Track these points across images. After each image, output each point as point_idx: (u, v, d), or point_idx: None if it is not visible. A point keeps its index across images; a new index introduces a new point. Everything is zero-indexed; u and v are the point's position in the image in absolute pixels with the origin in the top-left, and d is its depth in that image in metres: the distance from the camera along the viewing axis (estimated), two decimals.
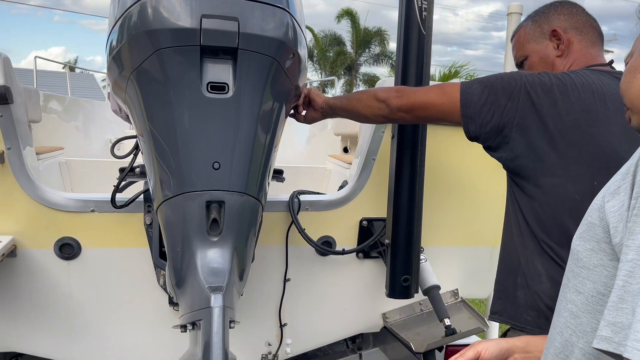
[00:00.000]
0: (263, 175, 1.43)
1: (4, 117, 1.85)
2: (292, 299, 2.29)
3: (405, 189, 1.92)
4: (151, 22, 1.19)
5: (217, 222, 1.31)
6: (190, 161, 1.28)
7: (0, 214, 1.93)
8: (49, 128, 4.36)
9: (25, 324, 2.08)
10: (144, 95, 1.31)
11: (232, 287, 1.36)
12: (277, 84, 1.37)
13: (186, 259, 1.34)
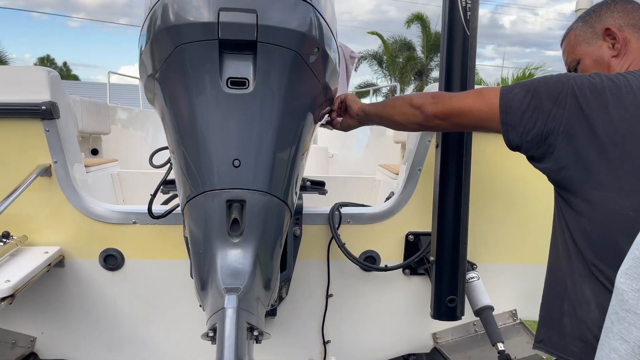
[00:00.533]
0: (289, 176, 1.34)
1: (50, 131, 1.91)
2: (335, 315, 2.20)
3: (450, 202, 1.78)
4: (170, 19, 1.18)
5: (238, 222, 1.25)
6: (210, 159, 1.24)
7: (48, 225, 2.00)
8: (119, 139, 4.57)
9: (74, 333, 2.14)
10: (168, 94, 1.29)
11: (251, 292, 1.27)
12: (301, 80, 1.30)
13: (207, 261, 1.28)
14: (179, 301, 2.09)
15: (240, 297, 1.20)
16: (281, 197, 1.30)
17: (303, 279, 2.12)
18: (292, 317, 2.18)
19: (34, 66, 2.24)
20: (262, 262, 1.29)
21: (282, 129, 1.28)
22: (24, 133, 1.91)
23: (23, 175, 1.86)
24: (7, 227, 1.92)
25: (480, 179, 2.04)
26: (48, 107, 1.87)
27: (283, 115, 1.27)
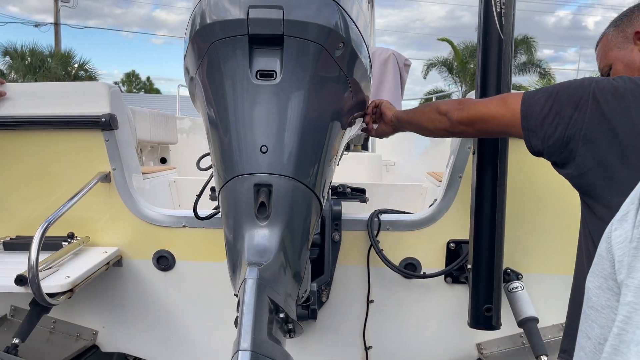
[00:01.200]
0: (315, 164, 1.38)
1: (110, 141, 2.09)
2: (376, 321, 2.21)
3: (487, 209, 1.75)
4: (206, 20, 1.28)
5: (265, 206, 1.30)
6: (240, 146, 1.31)
7: (108, 227, 2.17)
8: (185, 147, 4.82)
9: (131, 327, 2.30)
10: (205, 89, 1.39)
11: (275, 271, 1.30)
12: (326, 72, 1.35)
13: (237, 244, 1.34)
14: (225, 301, 2.19)
15: (261, 271, 1.24)
16: (307, 184, 1.34)
17: (343, 285, 2.16)
18: (333, 322, 2.21)
19: (97, 82, 2.45)
20: (287, 247, 1.33)
21: (308, 118, 1.33)
22: (86, 142, 2.10)
23: (85, 181, 2.04)
24: (72, 228, 2.11)
25: (522, 186, 1.99)
26: (107, 119, 2.05)
27: (309, 105, 1.33)
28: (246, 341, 1.11)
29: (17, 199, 2.19)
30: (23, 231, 2.19)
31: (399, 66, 3.81)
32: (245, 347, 1.11)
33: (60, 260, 1.94)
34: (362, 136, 4.21)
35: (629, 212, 0.64)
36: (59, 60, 22.36)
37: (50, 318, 2.22)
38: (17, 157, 2.15)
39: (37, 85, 2.31)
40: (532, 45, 25.57)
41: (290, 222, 1.33)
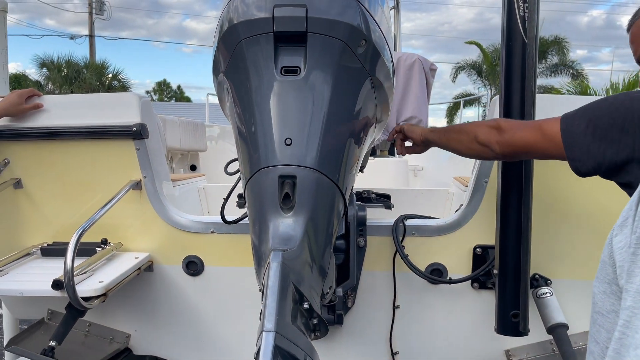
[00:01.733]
0: (339, 158, 1.41)
1: (140, 150, 2.15)
2: (403, 326, 2.21)
3: (512, 214, 1.74)
4: (233, 19, 1.34)
5: (290, 197, 1.33)
6: (265, 139, 1.34)
7: (139, 233, 2.24)
8: (214, 154, 4.91)
9: (162, 331, 2.36)
10: (232, 86, 1.44)
11: (300, 258, 1.32)
12: (349, 68, 1.38)
13: (262, 234, 1.37)
14: (252, 305, 2.22)
15: (285, 255, 1.26)
16: (331, 177, 1.36)
17: (369, 290, 2.17)
18: (360, 327, 2.22)
19: (128, 92, 2.53)
20: (311, 238, 1.36)
21: (331, 112, 1.36)
22: (118, 151, 2.17)
23: (117, 189, 2.11)
24: (105, 234, 2.18)
25: (549, 190, 1.96)
26: (138, 129, 2.11)
27: (331, 99, 1.36)
28: (270, 322, 1.12)
29: (53, 206, 2.28)
30: (59, 237, 2.28)
31: (425, 71, 3.79)
32: (269, 327, 1.12)
33: (94, 265, 2.01)
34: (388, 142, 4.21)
35: (628, 218, 0.66)
36: (93, 71, 23.03)
37: (85, 321, 2.30)
38: (53, 166, 2.24)
39: (71, 97, 2.40)
40: (564, 46, 25.05)
41: (314, 213, 1.35)
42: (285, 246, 1.31)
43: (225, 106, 1.56)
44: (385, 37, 1.47)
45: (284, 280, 1.23)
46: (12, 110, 2.17)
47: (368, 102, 1.49)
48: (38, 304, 2.35)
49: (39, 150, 2.23)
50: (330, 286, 1.60)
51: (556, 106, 2.04)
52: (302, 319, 1.33)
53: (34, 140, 2.22)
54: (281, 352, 1.12)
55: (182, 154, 4.46)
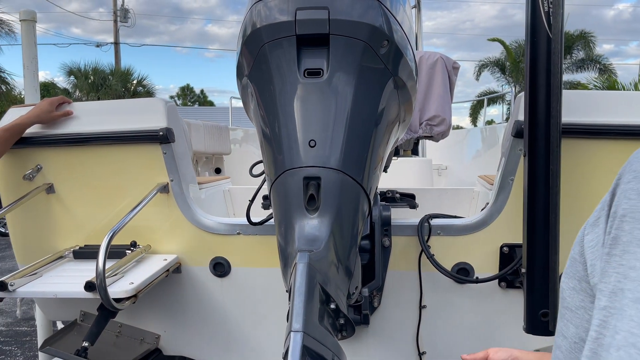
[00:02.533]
0: (363, 158, 1.41)
1: (167, 154, 2.19)
2: (430, 326, 2.20)
3: (540, 213, 1.72)
4: (256, 24, 1.36)
5: (315, 198, 1.34)
6: (289, 141, 1.36)
7: (167, 235, 2.28)
8: (238, 157, 4.96)
9: (191, 332, 2.40)
10: (257, 89, 1.45)
11: (326, 259, 1.33)
12: (371, 69, 1.38)
13: (288, 235, 1.38)
14: (279, 306, 2.24)
15: (312, 256, 1.27)
16: (355, 177, 1.37)
17: (395, 290, 2.16)
18: (386, 327, 2.22)
19: (154, 98, 2.58)
20: (337, 238, 1.36)
21: (354, 113, 1.37)
22: (146, 155, 2.21)
23: (145, 192, 2.15)
24: (134, 237, 2.23)
25: (576, 188, 1.93)
26: (165, 133, 2.15)
27: (355, 100, 1.36)
28: (298, 322, 1.14)
29: (84, 210, 2.34)
30: (90, 240, 2.34)
31: (448, 69, 3.77)
32: (297, 327, 1.13)
33: (125, 267, 2.06)
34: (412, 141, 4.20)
35: (600, 217, 0.65)
36: (119, 78, 23.47)
37: (116, 323, 2.35)
38: (83, 171, 2.30)
39: (99, 103, 2.46)
40: (590, 40, 24.53)
41: (339, 214, 1.36)
42: (311, 247, 1.32)
43: (250, 109, 1.58)
44: (408, 36, 1.47)
45: (311, 281, 1.24)
46: (43, 117, 2.24)
47: (391, 102, 1.49)
48: (70, 306, 2.41)
49: (69, 156, 2.29)
50: (357, 286, 1.60)
51: (583, 102, 2.01)
52: (329, 319, 1.34)
53: (64, 146, 2.28)
54: (309, 352, 1.13)
55: (207, 157, 4.51)
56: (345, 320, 1.42)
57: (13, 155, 2.29)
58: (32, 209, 2.33)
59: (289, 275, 1.39)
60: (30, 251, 2.39)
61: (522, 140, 1.94)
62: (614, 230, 0.63)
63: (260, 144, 1.53)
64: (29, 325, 5.76)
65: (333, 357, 1.24)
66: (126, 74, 24.30)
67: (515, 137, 1.98)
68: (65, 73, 22.96)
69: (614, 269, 0.61)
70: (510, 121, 2.12)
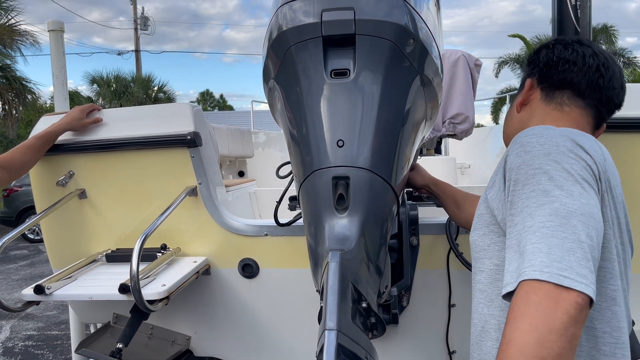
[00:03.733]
0: (391, 157, 1.41)
1: (195, 157, 2.22)
2: (459, 325, 2.19)
3: None
4: (282, 26, 1.37)
5: (344, 198, 1.34)
6: (317, 141, 1.36)
7: (196, 238, 2.31)
8: (261, 160, 5.00)
9: (221, 333, 2.42)
10: (284, 91, 1.46)
11: (357, 258, 1.34)
12: (398, 68, 1.38)
13: (318, 235, 1.39)
14: (307, 306, 2.25)
15: (343, 255, 1.28)
16: (384, 176, 1.37)
17: (424, 289, 2.16)
18: (415, 326, 2.22)
19: (181, 103, 2.62)
20: (367, 237, 1.37)
21: (381, 112, 1.37)
22: (174, 159, 2.25)
23: (174, 195, 2.19)
24: (164, 239, 2.27)
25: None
26: (192, 137, 2.19)
27: (382, 99, 1.37)
28: (332, 320, 1.14)
29: (115, 214, 2.39)
30: (121, 244, 2.38)
31: (470, 67, 3.75)
32: (331, 326, 1.14)
33: (156, 269, 2.09)
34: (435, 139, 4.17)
35: (495, 180, 1.17)
36: (140, 85, 23.81)
37: (148, 324, 2.39)
38: (114, 176, 2.35)
39: (128, 109, 2.51)
40: (613, 34, 24.06)
41: (369, 213, 1.36)
42: (342, 246, 1.33)
43: (276, 112, 1.59)
44: (432, 33, 1.47)
45: (343, 280, 1.25)
46: (75, 124, 2.29)
47: (418, 100, 1.50)
48: (103, 308, 2.46)
49: (100, 162, 2.35)
50: (387, 285, 1.60)
51: None
52: (360, 318, 1.35)
53: (95, 152, 2.33)
54: (343, 351, 1.14)
55: (230, 161, 4.55)
56: (376, 319, 1.43)
57: (46, 162, 2.35)
58: (65, 214, 2.38)
59: (319, 276, 1.41)
60: (64, 255, 2.44)
61: None
62: (514, 176, 1.05)
63: (287, 146, 1.54)
64: (60, 329, 5.89)
65: (366, 355, 1.25)
66: (147, 80, 24.65)
67: None
68: (89, 81, 23.38)
69: (519, 198, 1.00)
70: None
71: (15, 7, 14.47)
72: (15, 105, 14.17)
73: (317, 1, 1.34)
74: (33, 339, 5.63)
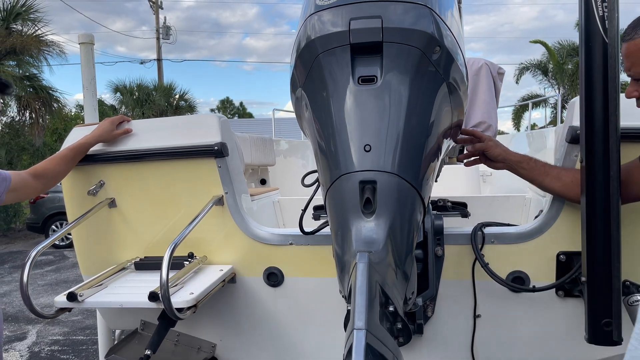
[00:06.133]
0: (417, 162, 1.42)
1: (222, 167, 2.26)
2: (484, 336, 2.18)
3: (600, 219, 1.68)
4: (311, 35, 1.41)
5: (371, 202, 1.36)
6: (345, 146, 1.39)
7: (222, 246, 2.35)
8: (283, 168, 5.03)
9: (246, 341, 2.45)
10: (311, 98, 1.49)
11: (384, 260, 1.35)
12: (424, 75, 1.40)
13: (345, 239, 1.40)
14: (332, 315, 2.26)
15: (371, 256, 1.29)
16: (410, 181, 1.38)
17: (449, 299, 2.15)
18: (440, 336, 2.21)
19: (208, 114, 2.67)
20: (394, 241, 1.38)
21: (408, 118, 1.39)
22: (201, 169, 2.29)
23: (202, 205, 2.23)
24: (191, 248, 2.31)
25: None
26: (219, 147, 2.23)
27: (408, 105, 1.39)
28: (361, 320, 1.15)
29: (143, 223, 2.44)
30: (150, 252, 2.43)
31: (493, 75, 3.73)
32: (360, 325, 1.14)
33: (184, 278, 2.13)
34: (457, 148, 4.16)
35: None
36: (162, 93, 24.16)
37: (174, 331, 2.43)
38: (143, 185, 2.40)
39: (156, 120, 2.56)
40: None
41: (395, 217, 1.38)
42: (369, 249, 1.34)
43: (303, 120, 1.62)
44: (457, 41, 1.48)
45: (371, 280, 1.26)
46: (105, 136, 2.36)
47: (444, 106, 1.51)
48: (130, 315, 2.51)
49: (129, 172, 2.40)
50: (413, 292, 1.61)
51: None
52: (387, 323, 1.35)
53: (125, 162, 2.38)
54: (372, 351, 1.14)
55: (253, 169, 4.60)
56: (402, 325, 1.43)
57: (78, 172, 2.41)
58: (96, 223, 2.44)
59: (346, 281, 1.42)
60: (94, 263, 2.50)
61: (577, 146, 1.92)
62: None
63: (314, 154, 1.56)
64: (85, 334, 5.99)
65: (394, 358, 1.26)
66: (169, 89, 25.00)
67: (570, 142, 1.95)
68: (112, 90, 23.84)
69: None
70: (563, 127, 2.09)
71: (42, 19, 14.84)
72: (42, 114, 14.50)
73: (345, 10, 1.37)
74: (59, 344, 5.74)
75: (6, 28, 14.16)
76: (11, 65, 14.37)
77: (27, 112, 14.55)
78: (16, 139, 15.02)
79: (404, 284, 1.47)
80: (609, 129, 1.63)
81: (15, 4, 14.34)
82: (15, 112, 14.73)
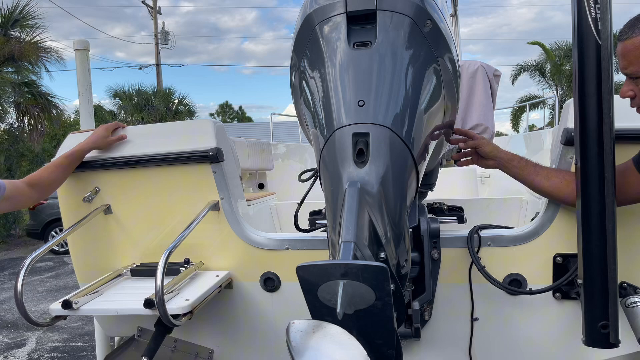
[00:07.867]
0: (410, 122, 1.45)
1: (217, 172, 2.26)
2: (482, 339, 2.17)
3: (596, 221, 1.67)
4: (308, 9, 1.50)
5: (363, 152, 1.39)
6: (339, 104, 1.44)
7: (219, 252, 2.34)
8: (281, 172, 5.03)
9: (243, 347, 2.44)
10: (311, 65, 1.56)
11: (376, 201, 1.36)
12: (415, 43, 1.48)
13: (337, 191, 1.40)
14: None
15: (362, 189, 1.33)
16: (402, 136, 1.41)
17: (446, 303, 2.15)
18: (438, 340, 2.20)
19: (204, 119, 2.67)
20: (385, 195, 1.38)
21: (401, 78, 1.46)
22: (197, 175, 2.29)
23: (197, 210, 2.22)
24: (187, 254, 2.30)
25: None
26: (214, 153, 2.22)
27: (401, 68, 1.47)
28: (349, 234, 1.20)
29: (139, 229, 2.43)
30: (146, 258, 2.42)
31: (489, 77, 3.73)
32: (348, 238, 1.19)
33: (180, 284, 2.12)
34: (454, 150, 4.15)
35: None
36: (161, 98, 24.17)
37: (171, 338, 2.41)
38: (138, 192, 2.39)
39: (151, 126, 2.56)
40: None
41: (387, 169, 1.39)
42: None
43: (300, 99, 1.65)
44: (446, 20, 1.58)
45: (362, 204, 1.30)
46: (100, 143, 2.35)
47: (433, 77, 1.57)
48: (127, 322, 2.50)
49: (125, 178, 2.40)
50: (406, 259, 1.60)
51: None
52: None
53: (120, 169, 2.38)
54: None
55: (251, 173, 4.60)
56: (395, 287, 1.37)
57: (73, 179, 2.40)
58: (91, 230, 2.44)
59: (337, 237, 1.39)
60: (90, 269, 2.49)
61: (572, 148, 1.91)
62: None
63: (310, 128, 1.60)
64: (84, 341, 5.97)
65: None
66: (168, 94, 25.00)
67: (565, 144, 1.95)
68: (111, 95, 23.83)
69: None
70: (558, 128, 2.08)
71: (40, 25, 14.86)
72: (41, 120, 14.50)
73: None
74: (58, 351, 5.72)
75: (4, 34, 14.16)
76: (10, 72, 14.37)
77: (26, 119, 14.54)
78: (15, 145, 15.01)
79: (395, 236, 1.46)
80: (603, 130, 1.62)
81: (13, 11, 14.35)
82: (14, 118, 14.74)
